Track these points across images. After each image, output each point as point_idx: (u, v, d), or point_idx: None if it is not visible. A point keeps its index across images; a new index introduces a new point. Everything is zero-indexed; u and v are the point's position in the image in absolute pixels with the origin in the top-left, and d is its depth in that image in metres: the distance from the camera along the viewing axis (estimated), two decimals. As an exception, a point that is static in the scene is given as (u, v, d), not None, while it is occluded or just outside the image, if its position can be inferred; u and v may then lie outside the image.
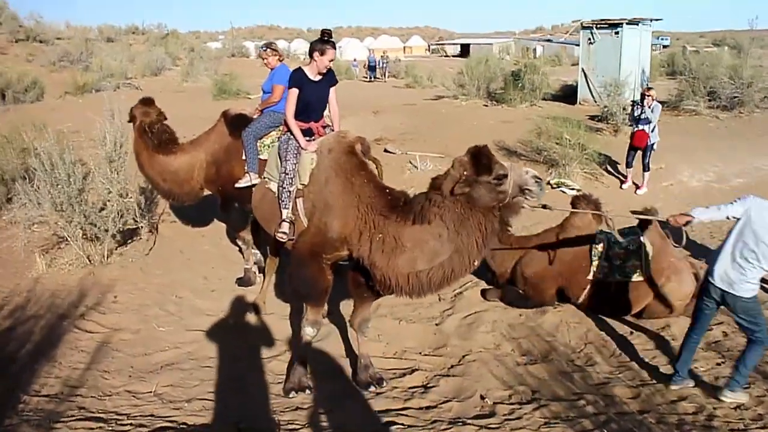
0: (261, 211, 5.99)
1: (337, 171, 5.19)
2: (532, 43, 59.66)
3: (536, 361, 5.97)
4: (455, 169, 4.58)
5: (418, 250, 4.74)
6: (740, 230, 5.04)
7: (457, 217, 4.61)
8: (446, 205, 4.63)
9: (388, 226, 4.89)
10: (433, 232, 4.68)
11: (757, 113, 17.09)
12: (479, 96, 18.73)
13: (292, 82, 5.65)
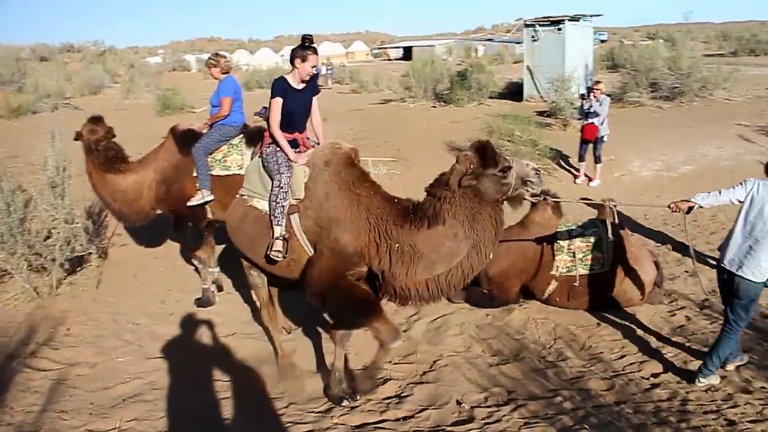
0: (242, 234, 5.49)
1: (339, 184, 5.02)
2: (474, 43, 60.33)
3: (508, 361, 5.93)
4: (461, 164, 4.60)
5: (435, 253, 4.73)
6: (746, 212, 5.11)
7: (469, 213, 4.65)
8: (457, 201, 4.65)
9: (403, 235, 4.81)
10: (448, 232, 4.68)
11: (697, 102, 17.59)
12: (427, 98, 18.77)
13: (275, 91, 5.31)
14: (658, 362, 5.80)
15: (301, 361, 6.00)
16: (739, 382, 5.37)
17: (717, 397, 5.17)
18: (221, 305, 7.35)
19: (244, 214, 5.45)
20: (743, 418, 4.77)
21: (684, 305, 7.08)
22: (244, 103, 7.40)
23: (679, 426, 4.71)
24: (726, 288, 5.26)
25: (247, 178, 5.58)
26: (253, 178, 5.44)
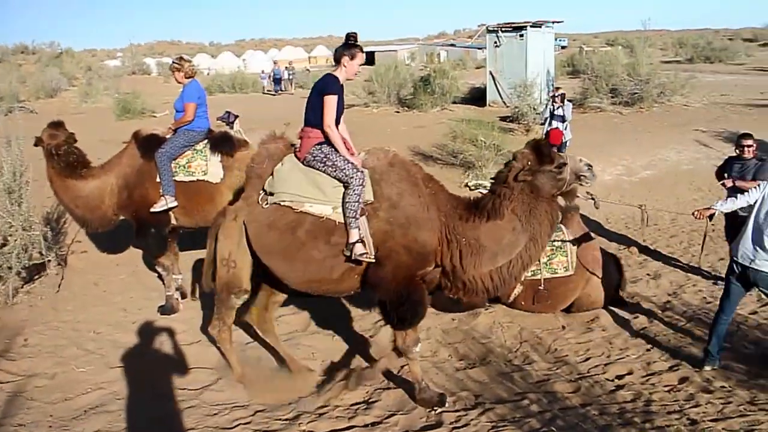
0: (284, 245, 5.07)
1: (411, 183, 5.07)
2: (437, 48, 60.66)
3: (475, 365, 5.95)
4: (518, 161, 4.88)
5: (497, 246, 4.94)
6: (757, 211, 5.50)
7: (526, 207, 4.90)
8: (515, 197, 4.88)
9: (468, 230, 4.96)
10: (507, 226, 4.92)
11: (656, 107, 17.98)
12: (390, 103, 18.82)
13: (331, 88, 5.06)
14: (622, 364, 5.89)
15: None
16: (701, 382, 5.48)
17: (680, 397, 5.26)
18: (185, 312, 7.23)
19: (292, 223, 5.03)
20: (705, 417, 4.85)
21: (647, 307, 7.21)
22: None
23: (643, 426, 4.77)
24: (740, 279, 5.63)
25: (287, 183, 5.07)
26: (297, 181, 5.05)
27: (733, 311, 5.90)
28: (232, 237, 5.23)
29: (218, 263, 5.32)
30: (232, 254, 5.22)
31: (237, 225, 5.22)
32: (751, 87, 23.95)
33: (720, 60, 41.45)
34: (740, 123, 16.47)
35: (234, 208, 5.37)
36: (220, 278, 5.33)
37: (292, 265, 5.08)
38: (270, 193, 5.09)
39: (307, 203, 5.00)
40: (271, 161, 5.22)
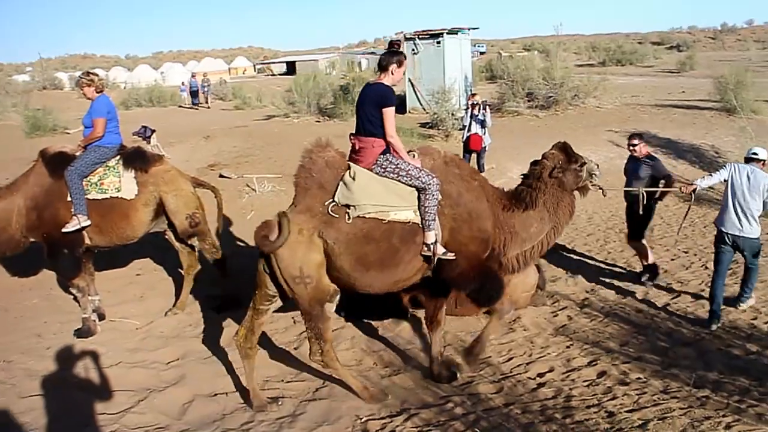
0: (382, 254, 5.14)
1: (467, 179, 5.48)
2: (357, 56, 60.82)
3: (400, 371, 5.99)
4: (550, 160, 5.61)
5: (526, 233, 5.62)
6: (732, 188, 6.78)
7: (554, 200, 5.62)
8: (548, 190, 5.58)
9: (508, 218, 5.58)
10: (537, 216, 5.61)
11: (570, 110, 18.54)
12: (310, 112, 18.74)
13: (391, 100, 5.16)
14: (543, 362, 6.03)
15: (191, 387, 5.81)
16: (618, 375, 5.67)
17: (598, 391, 5.42)
18: (104, 334, 6.99)
19: (386, 232, 5.12)
20: (621, 409, 5.01)
21: (566, 305, 7.42)
22: (121, 122, 7.14)
23: (564, 422, 4.88)
24: (734, 246, 6.85)
25: (368, 194, 5.07)
26: (377, 191, 5.10)
27: (726, 273, 7.00)
28: (300, 252, 5.02)
29: (290, 284, 5.07)
30: (304, 269, 5.02)
31: (305, 239, 5.03)
32: (660, 88, 24.99)
33: (630, 63, 43.13)
34: (650, 122, 17.19)
35: (296, 221, 5.06)
36: (303, 297, 5.11)
37: (386, 271, 5.20)
38: (348, 205, 5.05)
39: (392, 212, 5.11)
40: (331, 170, 5.17)
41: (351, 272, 5.12)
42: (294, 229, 4.99)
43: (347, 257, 5.06)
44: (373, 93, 5.17)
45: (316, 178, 5.17)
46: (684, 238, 9.98)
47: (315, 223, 5.05)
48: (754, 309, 7.12)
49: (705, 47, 60.75)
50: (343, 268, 5.10)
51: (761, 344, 6.21)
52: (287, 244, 4.95)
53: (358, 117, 5.25)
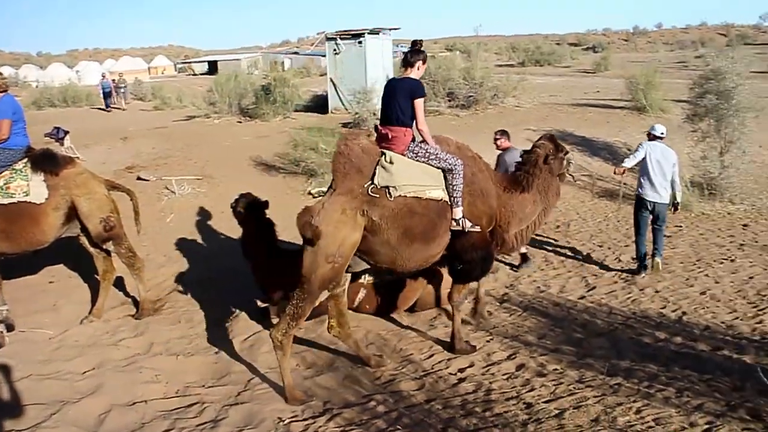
0: (424, 227, 5.63)
1: (477, 164, 6.08)
2: (280, 56, 60.35)
3: (323, 371, 5.98)
4: (542, 149, 6.39)
5: (522, 213, 6.31)
6: (650, 164, 8.22)
7: (545, 184, 6.42)
8: (541, 175, 6.35)
9: (507, 199, 6.22)
10: (530, 198, 6.35)
11: (490, 109, 18.88)
12: (231, 113, 18.46)
13: (422, 92, 5.69)
14: (464, 358, 6.12)
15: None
16: (536, 367, 5.80)
17: (517, 383, 5.53)
18: (13, 346, 6.66)
19: (425, 208, 5.62)
20: (539, 400, 5.13)
21: (486, 301, 7.52)
22: (32, 123, 6.86)
23: (484, 415, 4.96)
24: (652, 212, 8.32)
25: (407, 176, 5.54)
26: (415, 174, 5.60)
27: (646, 233, 8.45)
28: (342, 231, 5.35)
29: (321, 260, 5.34)
30: (341, 248, 5.35)
31: (349, 218, 5.39)
32: (576, 87, 25.72)
33: (549, 63, 44.23)
34: (567, 121, 17.67)
35: (338, 202, 5.40)
36: (321, 275, 5.36)
37: (426, 244, 5.70)
38: (388, 186, 5.45)
39: (427, 191, 5.61)
40: (367, 156, 5.57)
41: (397, 245, 5.55)
42: (337, 209, 5.36)
43: (394, 231, 5.50)
44: (405, 86, 5.64)
45: (355, 163, 5.55)
46: (599, 233, 10.32)
47: (357, 204, 5.42)
48: (663, 298, 7.43)
49: (619, 49, 62.89)
50: (389, 241, 5.52)
51: (669, 332, 6.48)
52: (332, 224, 5.32)
53: (388, 108, 5.69)
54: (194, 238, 9.63)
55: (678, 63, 38.15)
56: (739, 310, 7.00)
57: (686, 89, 13.77)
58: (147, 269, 7.89)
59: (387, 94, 5.75)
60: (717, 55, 13.58)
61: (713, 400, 4.91)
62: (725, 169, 11.81)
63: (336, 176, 5.58)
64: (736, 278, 8.03)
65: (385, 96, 5.79)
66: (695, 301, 7.33)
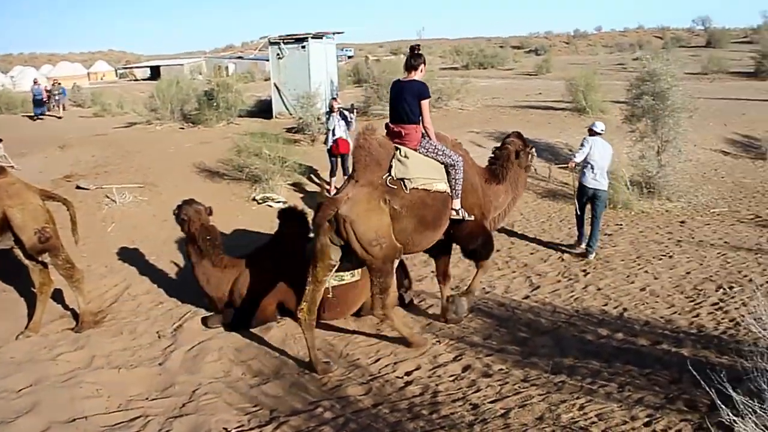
0: (434, 215, 6.24)
1: (467, 160, 6.62)
2: (224, 60, 59.64)
3: (269, 379, 5.92)
4: (512, 145, 7.19)
5: (497, 202, 7.06)
6: (593, 156, 9.12)
7: (515, 176, 7.19)
8: (512, 168, 7.11)
9: (487, 189, 6.93)
10: (503, 189, 7.09)
11: (434, 112, 18.65)
12: (174, 119, 18.14)
13: (428, 93, 6.25)
14: (410, 361, 6.13)
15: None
16: (481, 367, 5.86)
17: (463, 384, 5.58)
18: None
19: (434, 199, 6.20)
20: (485, 400, 5.20)
21: (432, 303, 7.58)
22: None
23: (431, 418, 4.99)
24: (590, 199, 9.21)
25: (419, 170, 6.07)
26: (425, 168, 6.13)
27: (585, 213, 9.38)
28: (374, 218, 5.84)
29: (367, 247, 5.81)
30: (379, 232, 5.84)
31: (376, 206, 5.89)
32: (519, 90, 26.14)
33: (492, 66, 44.84)
34: (509, 123, 17.89)
35: (364, 192, 5.86)
36: (378, 257, 5.87)
37: (435, 230, 6.36)
38: (403, 178, 5.98)
39: (434, 183, 6.16)
40: (383, 149, 6.05)
41: (412, 232, 6.13)
42: (363, 199, 5.81)
43: (411, 219, 6.05)
44: (413, 87, 6.18)
45: (374, 156, 6.00)
46: (542, 233, 10.49)
47: (379, 193, 5.90)
48: (605, 295, 7.59)
49: (560, 51, 64.03)
50: (406, 228, 6.07)
51: (611, 328, 6.62)
52: (362, 213, 5.77)
53: (399, 108, 6.19)
54: (137, 247, 9.43)
55: (617, 65, 39.12)
56: (677, 305, 7.19)
57: (624, 91, 14.08)
58: (87, 280, 7.72)
59: (395, 95, 6.26)
60: (653, 57, 13.92)
61: (653, 393, 5.05)
62: (662, 168, 12.10)
63: (357, 168, 6.00)
64: (674, 274, 8.24)
65: (393, 96, 6.30)
66: (635, 298, 7.49)
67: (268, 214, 10.68)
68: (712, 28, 58.22)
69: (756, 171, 15.05)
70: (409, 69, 6.29)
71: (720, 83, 28.22)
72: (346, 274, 6.86)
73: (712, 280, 7.91)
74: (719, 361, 5.56)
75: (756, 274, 8.02)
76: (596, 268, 8.64)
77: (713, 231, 10.25)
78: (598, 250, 9.31)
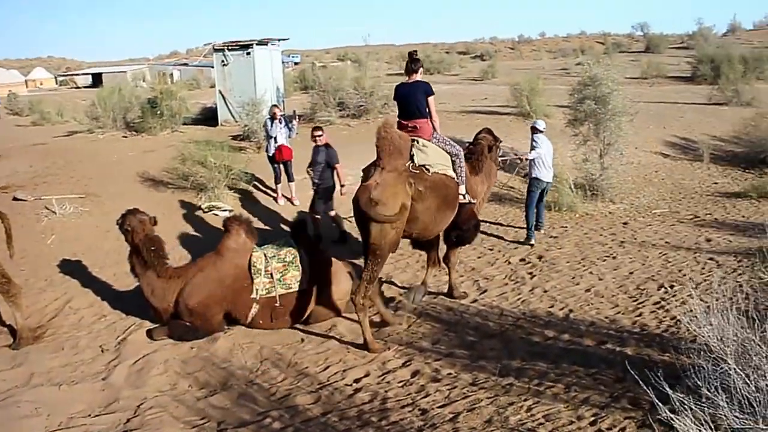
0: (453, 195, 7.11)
1: None
2: (168, 67, 58.80)
3: (216, 391, 5.82)
4: (484, 141, 8.12)
5: (474, 190, 7.69)
6: (543, 153, 10.14)
7: (488, 168, 8.14)
8: (486, 161, 8.05)
9: (469, 179, 7.59)
10: (479, 179, 7.96)
11: (381, 118, 18.94)
12: (116, 128, 17.67)
13: (433, 90, 7.22)
14: (359, 368, 6.13)
15: None
16: (430, 372, 5.88)
17: (412, 390, 5.59)
18: None
19: (450, 181, 7.05)
20: (434, 405, 5.21)
21: (375, 312, 7.56)
22: None
23: (380, 424, 4.99)
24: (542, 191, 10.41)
25: (436, 158, 6.93)
26: (439, 156, 6.99)
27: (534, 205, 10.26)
28: (399, 198, 6.38)
29: (387, 229, 6.35)
30: (401, 213, 6.36)
31: (403, 189, 6.47)
32: (464, 95, 26.32)
33: (438, 71, 45.06)
34: (456, 128, 17.96)
35: (392, 177, 6.49)
36: (387, 240, 6.40)
37: (452, 210, 7.20)
38: (423, 165, 6.77)
39: (447, 170, 7.03)
40: (402, 140, 6.74)
41: (436, 210, 6.87)
42: (391, 182, 6.41)
43: (435, 199, 6.79)
44: (420, 87, 7.17)
45: (397, 146, 6.64)
46: (489, 237, 10.59)
47: (403, 178, 6.54)
48: (551, 297, 7.70)
49: (505, 57, 64.69)
50: (431, 207, 6.78)
51: (557, 329, 6.71)
52: (390, 196, 6.33)
53: (410, 106, 7.16)
54: (78, 259, 9.18)
55: (560, 70, 39.73)
56: (620, 305, 7.34)
57: (567, 95, 14.34)
58: (26, 295, 7.50)
59: (403, 95, 7.23)
60: (594, 62, 14.21)
61: (598, 392, 5.14)
62: (605, 171, 12.38)
63: (383, 156, 6.59)
64: (617, 274, 8.41)
65: (401, 97, 7.26)
66: (581, 299, 7.63)
67: (213, 222, 10.54)
68: (651, 34, 59.48)
69: (694, 172, 15.51)
70: (410, 72, 7.27)
71: (659, 87, 28.93)
72: (294, 282, 6.84)
73: (654, 280, 8.10)
74: (661, 358, 5.69)
75: (695, 273, 8.24)
76: (542, 270, 8.76)
77: (654, 231, 10.52)
78: (544, 252, 9.48)
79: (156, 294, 6.90)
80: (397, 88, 7.36)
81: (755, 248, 8.33)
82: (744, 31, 58.70)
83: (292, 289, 6.84)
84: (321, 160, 10.27)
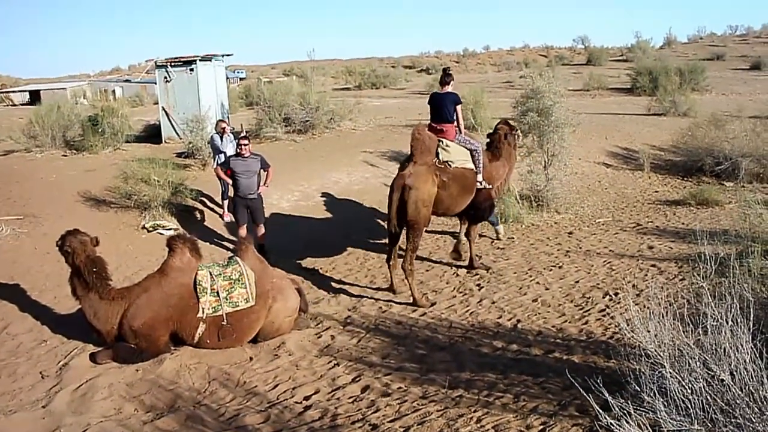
0: (471, 184, 8.88)
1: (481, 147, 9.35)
2: (110, 84, 57.69)
3: (163, 414, 5.67)
4: (501, 130, 10.00)
5: (497, 174, 9.62)
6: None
7: (507, 153, 9.98)
8: (505, 147, 9.90)
9: (489, 164, 9.46)
10: (500, 164, 9.80)
11: (327, 133, 19.07)
12: (56, 146, 17.18)
13: (460, 101, 9.20)
14: (309, 385, 6.05)
15: None
16: (381, 387, 5.84)
17: (362, 405, 5.54)
18: None
19: (469, 173, 8.84)
20: (384, 420, 5.18)
21: (329, 325, 7.55)
22: None
23: (331, 442, 4.95)
24: None
25: (457, 155, 8.73)
26: (460, 153, 8.79)
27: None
28: (429, 184, 8.32)
29: (419, 206, 8.20)
30: (429, 197, 8.31)
31: (431, 178, 8.35)
32: (411, 109, 26.48)
33: (384, 86, 45.30)
34: (403, 142, 17.98)
35: (423, 169, 8.35)
36: (422, 217, 8.29)
37: (470, 194, 8.91)
38: (448, 161, 8.61)
39: (467, 164, 8.80)
40: (430, 141, 8.60)
41: (457, 195, 8.71)
42: (422, 173, 8.30)
43: (456, 187, 8.64)
44: (451, 97, 9.01)
45: (427, 145, 8.50)
46: (437, 249, 10.66)
47: (432, 170, 8.41)
48: (499, 308, 7.77)
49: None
50: (453, 193, 8.63)
51: (506, 340, 6.77)
52: (421, 182, 8.22)
53: (441, 112, 8.97)
54: (17, 282, 8.88)
55: (505, 83, 40.37)
56: (567, 314, 7.45)
57: (511, 108, 14.57)
58: (-40, 321, 7.20)
59: (438, 103, 9.01)
60: (536, 75, 14.49)
61: (546, 401, 5.20)
62: (550, 182, 12.58)
63: (415, 153, 8.42)
64: (564, 284, 8.54)
65: (435, 103, 9.06)
66: (528, 309, 7.71)
67: (158, 241, 10.34)
68: (592, 47, 61.08)
69: (636, 181, 15.91)
70: (443, 84, 9.17)
71: (600, 99, 29.69)
72: (241, 300, 6.75)
73: (599, 288, 8.25)
74: (606, 365, 5.79)
75: (638, 280, 8.42)
76: (490, 281, 8.84)
77: (599, 240, 10.72)
78: (491, 263, 9.66)
79: (99, 316, 6.71)
80: (432, 95, 9.20)
81: (694, 254, 8.56)
82: (679, 44, 60.71)
83: (239, 307, 6.74)
84: (254, 168, 10.35)
